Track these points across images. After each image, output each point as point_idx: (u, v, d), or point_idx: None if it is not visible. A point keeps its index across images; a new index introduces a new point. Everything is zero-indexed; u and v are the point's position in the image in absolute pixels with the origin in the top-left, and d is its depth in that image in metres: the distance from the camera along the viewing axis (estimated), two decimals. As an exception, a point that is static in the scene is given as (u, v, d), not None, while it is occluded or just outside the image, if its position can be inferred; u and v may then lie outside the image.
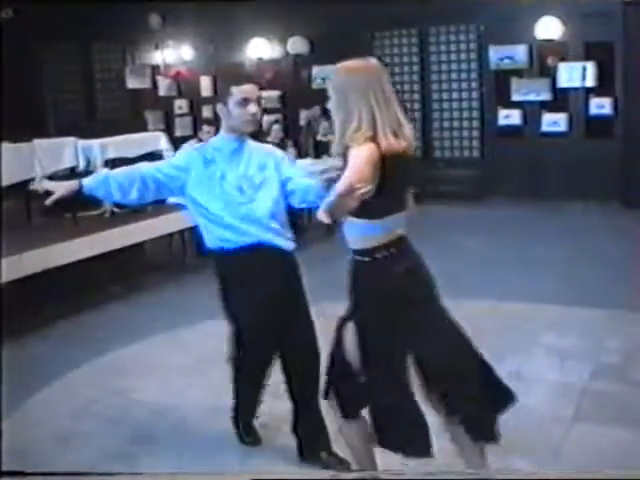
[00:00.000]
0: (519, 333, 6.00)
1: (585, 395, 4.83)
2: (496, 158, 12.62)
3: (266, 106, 11.61)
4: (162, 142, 9.05)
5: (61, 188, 3.94)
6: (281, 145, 10.68)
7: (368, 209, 3.09)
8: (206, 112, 13.96)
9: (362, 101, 3.15)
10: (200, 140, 9.80)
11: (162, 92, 14.73)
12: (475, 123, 12.91)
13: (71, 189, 3.95)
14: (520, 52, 11.96)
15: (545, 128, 12.05)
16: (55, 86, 13.71)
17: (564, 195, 11.51)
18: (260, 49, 13.83)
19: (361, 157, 3.04)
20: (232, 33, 13.96)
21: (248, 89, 4.01)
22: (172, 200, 8.81)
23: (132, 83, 14.86)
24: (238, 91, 3.97)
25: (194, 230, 8.97)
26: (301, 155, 11.17)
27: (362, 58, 3.26)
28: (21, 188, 7.49)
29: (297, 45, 13.68)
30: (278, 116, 13.27)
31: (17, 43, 10.28)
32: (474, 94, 12.81)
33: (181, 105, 14.65)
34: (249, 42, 13.92)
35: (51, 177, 7.37)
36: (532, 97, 12.00)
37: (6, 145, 7.04)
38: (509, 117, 12.33)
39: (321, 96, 12.44)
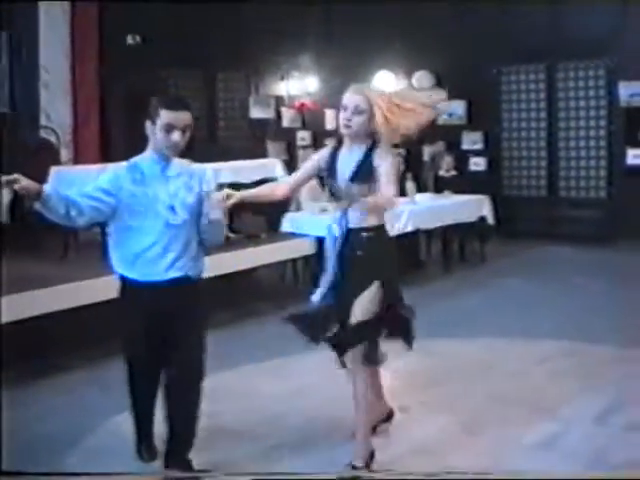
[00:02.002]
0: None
1: None
2: (623, 199, 12.17)
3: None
4: (277, 169, 9.05)
5: (29, 185, 3.61)
6: (401, 177, 10.63)
7: None
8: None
9: None
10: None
11: (285, 123, 14.87)
12: (602, 162, 12.48)
13: (34, 190, 3.62)
14: (652, 88, 11.56)
15: (677, 168, 11.56)
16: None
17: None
18: (386, 82, 13.77)
19: None
20: (358, 66, 13.99)
21: (175, 117, 3.88)
22: (286, 228, 9.00)
23: (256, 113, 15.06)
24: (165, 115, 3.88)
25: (309, 259, 9.12)
26: (420, 189, 11.01)
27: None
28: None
29: (423, 79, 13.59)
30: (400, 150, 13.16)
31: (144, 69, 10.53)
32: (602, 132, 12.41)
33: (304, 137, 14.71)
34: (375, 75, 13.91)
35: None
36: (663, 136, 11.56)
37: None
38: (639, 157, 11.89)
39: (445, 131, 12.50)
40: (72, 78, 9.91)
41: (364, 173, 4.22)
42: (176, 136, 3.88)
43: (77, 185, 6.96)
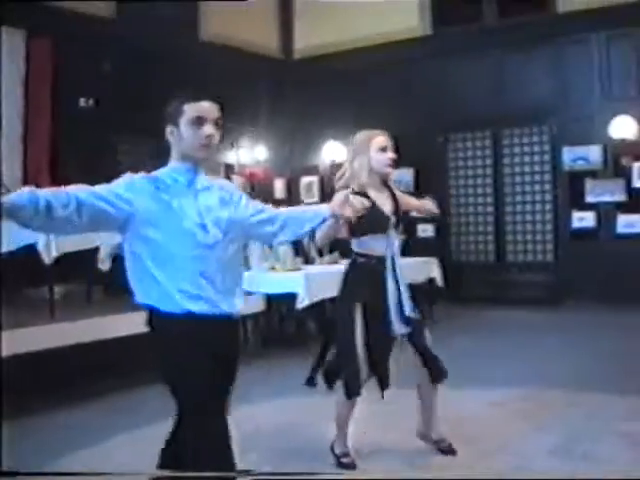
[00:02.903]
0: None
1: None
2: (570, 261, 12.36)
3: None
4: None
5: None
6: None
7: None
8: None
9: None
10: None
11: (236, 191, 14.83)
12: (548, 226, 12.71)
13: None
14: (594, 153, 11.85)
15: (620, 230, 11.80)
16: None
17: (641, 299, 11.11)
18: (334, 152, 13.94)
19: None
20: (308, 135, 14.17)
21: (204, 106, 3.28)
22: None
23: (207, 180, 14.98)
24: (191, 109, 3.26)
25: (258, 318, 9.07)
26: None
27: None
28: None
29: (371, 148, 13.75)
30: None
31: (95, 132, 10.60)
32: (547, 196, 12.66)
33: (254, 205, 14.75)
34: (324, 145, 14.08)
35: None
36: (607, 198, 11.81)
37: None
38: (583, 219, 12.12)
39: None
40: (24, 134, 9.93)
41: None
42: (210, 129, 3.25)
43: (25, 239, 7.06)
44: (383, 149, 4.68)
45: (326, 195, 12.43)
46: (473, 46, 12.77)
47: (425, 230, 13.46)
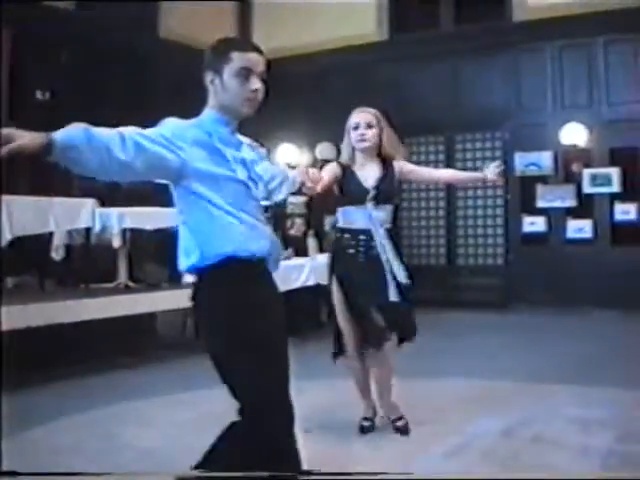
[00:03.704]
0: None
1: None
2: (520, 265, 12.55)
3: (293, 211, 11.79)
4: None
5: (24, 138, 2.50)
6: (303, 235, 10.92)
7: None
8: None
9: None
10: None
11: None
12: (499, 230, 12.90)
13: (37, 142, 2.52)
14: (545, 158, 12.08)
15: (570, 235, 12.02)
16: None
17: (590, 302, 11.32)
18: (289, 154, 14.01)
19: None
20: (262, 138, 14.17)
21: (253, 57, 3.04)
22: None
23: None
24: (239, 58, 3.01)
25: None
26: (322, 249, 11.18)
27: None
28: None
29: (325, 151, 13.84)
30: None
31: (52, 125, 10.49)
32: (499, 201, 12.86)
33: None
34: (278, 147, 14.12)
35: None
36: (557, 204, 12.02)
37: (24, 198, 7.09)
38: (534, 224, 12.33)
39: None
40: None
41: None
42: (257, 83, 3.04)
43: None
44: (355, 127, 5.05)
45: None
46: (429, 52, 12.93)
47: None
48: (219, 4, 13.86)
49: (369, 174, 5.04)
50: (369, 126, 5.04)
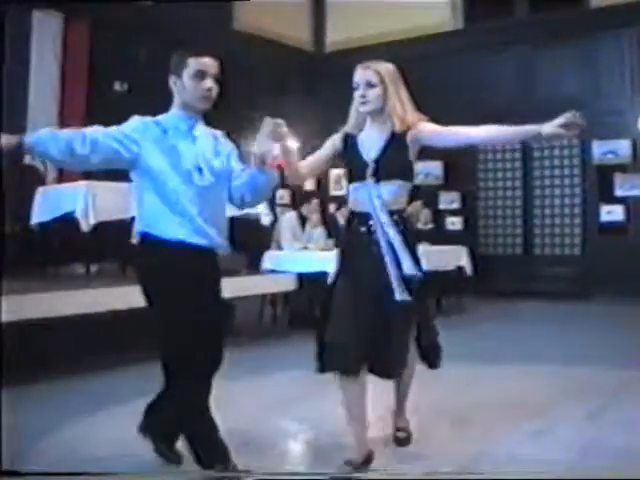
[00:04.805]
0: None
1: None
2: (597, 255, 12.38)
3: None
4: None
5: (1, 139, 3.22)
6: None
7: None
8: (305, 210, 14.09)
9: None
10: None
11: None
12: (577, 219, 12.75)
13: (12, 142, 3.23)
14: (624, 147, 11.92)
15: (649, 223, 11.82)
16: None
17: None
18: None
19: None
20: (338, 127, 14.19)
21: (206, 61, 3.58)
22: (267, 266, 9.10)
23: (236, 169, 15.08)
24: (195, 62, 3.57)
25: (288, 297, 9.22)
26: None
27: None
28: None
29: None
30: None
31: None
32: (576, 190, 12.70)
33: (282, 195, 14.83)
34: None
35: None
36: (636, 192, 11.83)
37: (107, 184, 7.15)
38: (611, 213, 12.15)
39: (421, 191, 12.58)
40: (60, 120, 10.16)
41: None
42: (209, 83, 3.57)
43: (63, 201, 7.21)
44: (356, 87, 4.07)
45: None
46: (504, 40, 12.81)
47: (454, 223, 13.55)
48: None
49: (373, 144, 4.05)
50: (370, 85, 4.00)
